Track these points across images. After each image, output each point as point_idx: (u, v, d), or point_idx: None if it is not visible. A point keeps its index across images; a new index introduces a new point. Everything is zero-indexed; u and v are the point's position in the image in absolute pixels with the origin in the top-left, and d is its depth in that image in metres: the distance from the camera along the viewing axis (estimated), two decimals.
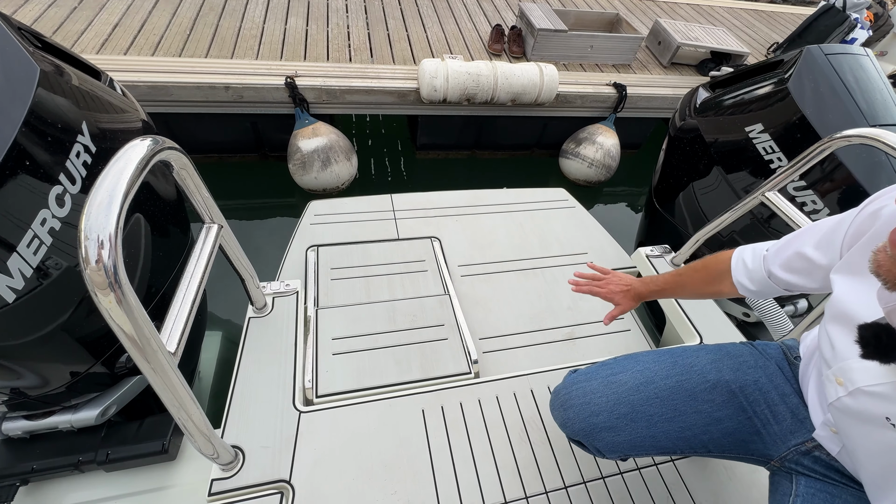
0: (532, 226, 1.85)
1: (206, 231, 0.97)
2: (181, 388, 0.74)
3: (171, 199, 1.24)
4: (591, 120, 3.28)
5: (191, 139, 2.82)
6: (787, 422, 0.76)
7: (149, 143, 0.65)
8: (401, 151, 3.45)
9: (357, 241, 1.65)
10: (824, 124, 1.55)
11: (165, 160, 0.75)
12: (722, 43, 3.60)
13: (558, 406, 0.88)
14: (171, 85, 2.44)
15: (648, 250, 1.70)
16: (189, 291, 0.83)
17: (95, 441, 1.10)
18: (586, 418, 0.82)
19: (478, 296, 1.57)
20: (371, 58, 3.04)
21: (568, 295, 1.62)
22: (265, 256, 2.51)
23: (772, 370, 0.81)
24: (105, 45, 2.63)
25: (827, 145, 1.16)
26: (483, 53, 3.36)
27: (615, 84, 3.20)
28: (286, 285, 1.39)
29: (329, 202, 1.80)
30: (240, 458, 1.03)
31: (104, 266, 0.54)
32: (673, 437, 0.79)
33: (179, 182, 0.87)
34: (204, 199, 0.94)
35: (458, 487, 1.05)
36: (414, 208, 1.83)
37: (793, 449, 0.75)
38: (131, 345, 0.63)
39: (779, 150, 1.64)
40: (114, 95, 1.15)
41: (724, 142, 1.84)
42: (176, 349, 0.73)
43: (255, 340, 1.25)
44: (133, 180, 0.59)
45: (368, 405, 1.17)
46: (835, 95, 1.58)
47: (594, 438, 0.81)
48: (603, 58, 3.46)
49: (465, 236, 1.76)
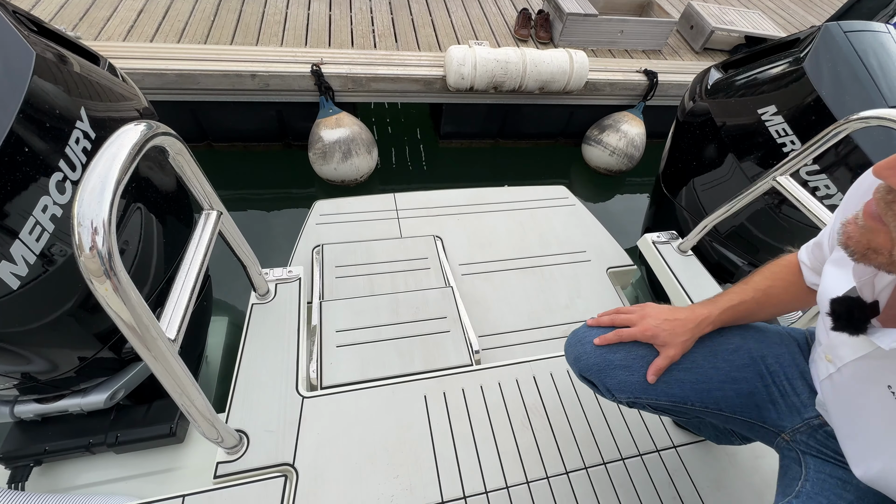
0: (532, 224, 1.85)
1: (205, 218, 0.95)
2: (182, 374, 0.74)
3: (173, 187, 1.24)
4: (619, 108, 3.20)
5: (216, 127, 2.82)
6: (804, 395, 0.75)
7: (142, 128, 0.64)
8: (423, 140, 3.41)
9: (361, 240, 1.67)
10: (841, 106, 1.47)
11: (160, 146, 0.73)
12: (758, 27, 3.46)
13: (574, 342, 0.85)
14: (199, 73, 2.42)
15: (655, 236, 1.68)
16: (188, 279, 0.83)
17: (105, 424, 1.14)
18: (603, 353, 0.79)
19: (478, 294, 1.59)
20: (396, 43, 2.98)
21: (565, 293, 1.63)
22: (281, 245, 2.52)
23: (794, 349, 0.80)
24: (131, 32, 2.62)
25: (843, 127, 1.10)
26: (509, 39, 3.28)
27: (646, 71, 3.10)
28: (289, 272, 1.40)
29: (334, 202, 1.83)
30: (244, 442, 1.04)
31: (98, 253, 0.54)
32: (686, 386, 0.77)
33: (176, 168, 0.86)
34: (202, 186, 0.92)
35: (460, 471, 1.06)
36: (417, 207, 1.85)
37: (806, 421, 0.74)
38: (130, 332, 0.62)
39: (792, 132, 1.58)
40: (114, 81, 1.14)
41: (736, 124, 1.77)
42: (176, 336, 0.73)
43: (259, 326, 1.26)
44: (126, 166, 0.58)
45: (371, 391, 1.18)
46: (853, 75, 1.50)
47: (606, 376, 0.79)
48: (633, 43, 3.35)
49: (465, 235, 1.77)
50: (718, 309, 0.78)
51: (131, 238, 1.03)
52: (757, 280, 0.82)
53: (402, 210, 1.83)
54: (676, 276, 1.54)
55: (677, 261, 1.59)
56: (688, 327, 0.76)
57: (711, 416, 0.82)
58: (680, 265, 1.58)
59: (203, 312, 1.50)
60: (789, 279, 0.81)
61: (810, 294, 0.80)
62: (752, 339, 0.80)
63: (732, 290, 0.81)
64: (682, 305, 1.46)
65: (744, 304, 0.79)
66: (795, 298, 0.81)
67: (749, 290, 0.80)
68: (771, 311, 0.82)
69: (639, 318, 0.79)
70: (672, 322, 0.77)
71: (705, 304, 0.80)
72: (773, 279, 0.81)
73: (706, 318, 0.77)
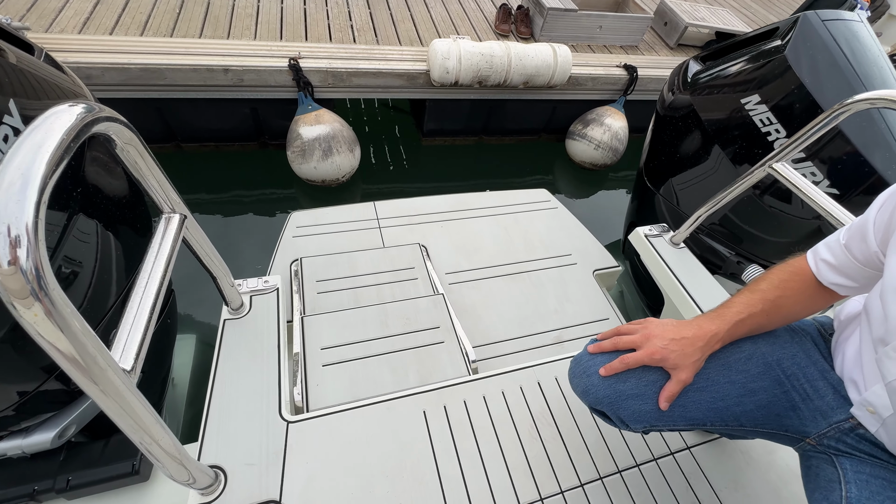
0: (516, 228, 1.84)
1: (164, 223, 0.82)
2: (141, 409, 0.62)
3: (126, 190, 1.10)
4: (601, 103, 3.21)
5: (186, 127, 2.64)
6: (828, 397, 0.72)
7: (79, 111, 0.50)
8: (405, 139, 3.32)
9: (342, 252, 1.59)
10: (824, 93, 1.51)
11: (103, 133, 0.59)
12: (727, 23, 3.56)
13: (579, 373, 0.79)
14: (165, 67, 2.25)
15: (647, 230, 1.64)
16: (147, 295, 0.70)
17: (53, 466, 0.97)
18: (612, 384, 0.74)
19: (466, 304, 1.54)
20: (376, 38, 2.88)
21: (554, 298, 1.61)
22: (258, 254, 2.38)
23: (808, 346, 0.77)
24: (88, 24, 2.41)
25: (846, 108, 1.08)
26: (490, 35, 3.24)
27: (626, 66, 3.13)
28: (265, 282, 1.26)
29: (311, 213, 1.75)
30: (221, 480, 0.92)
31: (22, 269, 0.42)
32: (704, 407, 0.73)
33: (127, 164, 0.71)
34: (160, 185, 0.79)
35: (468, 493, 0.98)
36: (398, 215, 1.80)
37: (834, 426, 0.70)
38: (71, 366, 0.50)
39: (777, 121, 1.60)
40: (52, 73, 1.00)
41: (719, 115, 1.79)
42: (133, 365, 0.61)
43: (233, 345, 1.13)
44: (56, 157, 0.45)
45: (364, 409, 1.08)
46: (833, 62, 1.54)
47: (619, 407, 0.74)
48: (611, 39, 3.38)
49: (450, 242, 1.73)
50: (727, 323, 0.73)
51: (75, 252, 0.89)
52: (764, 289, 0.76)
53: (383, 219, 1.77)
54: (672, 270, 1.51)
55: (671, 254, 1.56)
56: (697, 346, 0.71)
57: (732, 432, 0.78)
58: (674, 258, 1.55)
59: (167, 332, 1.35)
60: (799, 287, 0.76)
61: (822, 299, 0.76)
62: (762, 342, 0.76)
63: (739, 301, 0.75)
64: (678, 297, 1.47)
65: (753, 318, 0.74)
66: (805, 308, 0.77)
67: (757, 302, 0.74)
68: (780, 322, 0.78)
69: (642, 339, 0.73)
70: (680, 342, 0.71)
71: (711, 318, 0.74)
72: (783, 288, 0.76)
73: (715, 335, 0.72)
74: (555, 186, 3.34)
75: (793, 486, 1.06)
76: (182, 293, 1.97)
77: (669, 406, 0.71)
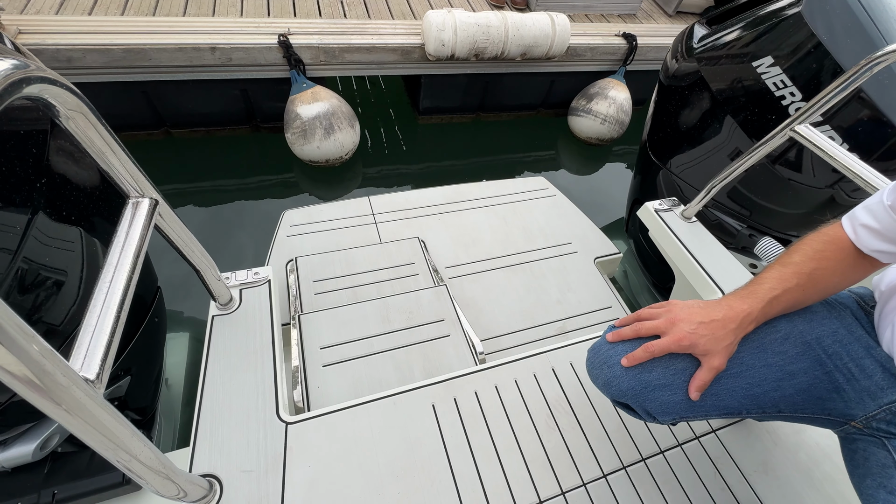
0: (515, 218, 1.79)
1: (131, 209, 0.71)
2: (113, 423, 0.55)
3: (91, 181, 1.00)
4: (600, 75, 3.13)
5: (174, 111, 2.54)
6: (876, 376, 0.66)
7: (5, 66, 0.39)
8: (401, 118, 3.23)
9: (339, 249, 1.54)
10: (843, 51, 1.43)
11: (40, 98, 0.47)
12: None
13: (599, 364, 0.73)
14: (149, 47, 2.15)
15: (657, 204, 1.58)
16: (113, 292, 0.60)
17: (37, 480, 0.91)
18: (636, 375, 0.68)
19: (467, 297, 1.51)
20: (367, 12, 2.78)
21: (556, 288, 1.58)
22: (258, 243, 2.31)
23: (849, 320, 0.70)
24: (65, 5, 2.29)
25: (883, 58, 0.99)
26: (484, 6, 3.13)
27: (625, 34, 3.04)
28: (255, 274, 1.17)
29: (304, 211, 1.70)
30: (216, 490, 0.85)
31: None
32: (739, 395, 0.68)
33: (76, 138, 0.59)
34: (122, 164, 0.67)
35: (485, 490, 0.92)
36: (394, 210, 1.75)
37: (885, 407, 0.65)
38: (23, 386, 0.43)
39: (791, 83, 1.53)
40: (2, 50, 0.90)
41: (728, 81, 1.71)
42: (99, 373, 0.53)
43: (223, 342, 1.05)
44: None
45: (369, 406, 1.01)
46: (853, 18, 1.46)
47: (645, 399, 0.68)
48: (609, 7, 3.29)
49: (449, 235, 1.69)
50: (761, 302, 0.66)
51: (32, 253, 0.79)
52: (798, 261, 0.69)
53: (378, 214, 1.72)
54: (686, 245, 1.45)
55: (683, 228, 1.50)
56: (729, 328, 0.64)
57: (770, 419, 0.72)
58: (687, 233, 1.49)
59: (156, 331, 1.28)
60: (836, 257, 0.69)
61: (862, 268, 0.69)
62: (799, 319, 0.70)
63: (770, 276, 0.68)
64: (693, 273, 1.40)
65: (787, 294, 0.67)
66: (844, 279, 0.70)
67: (791, 276, 0.67)
68: (817, 297, 0.71)
69: (667, 324, 0.66)
70: (709, 325, 0.64)
71: (742, 296, 0.68)
72: (818, 259, 0.69)
73: (748, 315, 0.65)
74: (557, 162, 3.27)
75: (824, 467, 1.01)
76: (175, 288, 1.91)
77: (700, 395, 0.65)
